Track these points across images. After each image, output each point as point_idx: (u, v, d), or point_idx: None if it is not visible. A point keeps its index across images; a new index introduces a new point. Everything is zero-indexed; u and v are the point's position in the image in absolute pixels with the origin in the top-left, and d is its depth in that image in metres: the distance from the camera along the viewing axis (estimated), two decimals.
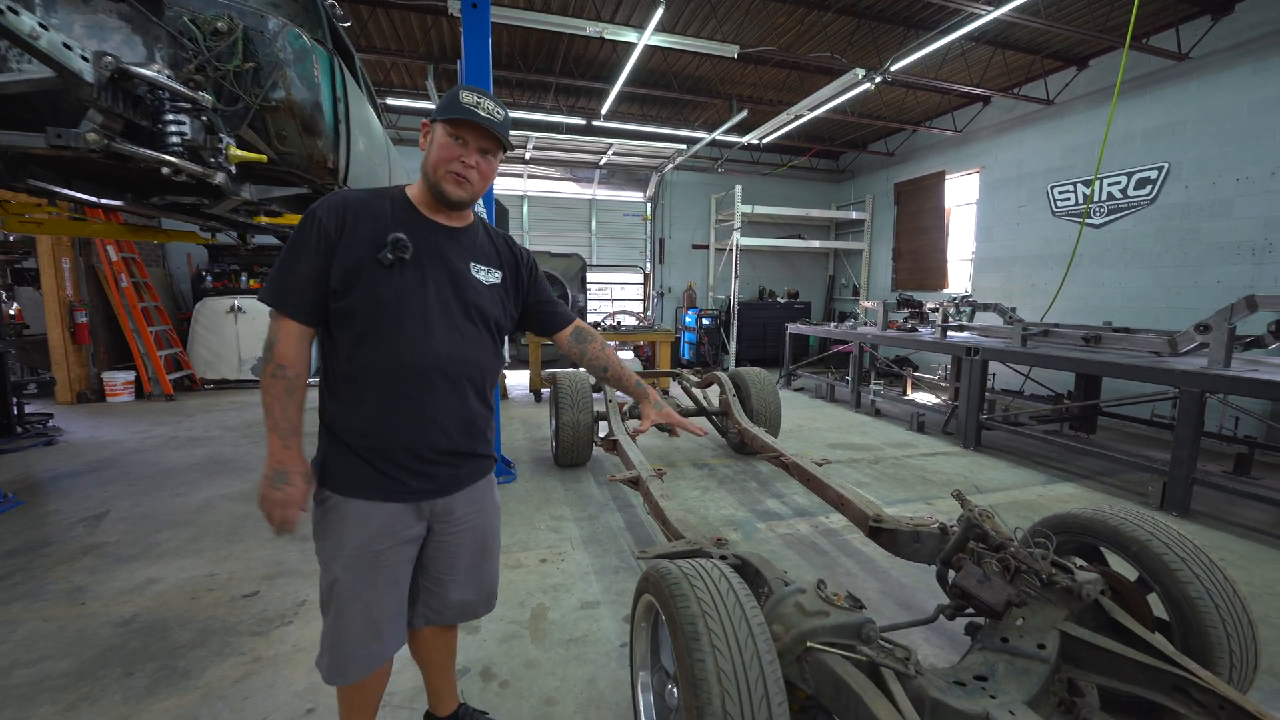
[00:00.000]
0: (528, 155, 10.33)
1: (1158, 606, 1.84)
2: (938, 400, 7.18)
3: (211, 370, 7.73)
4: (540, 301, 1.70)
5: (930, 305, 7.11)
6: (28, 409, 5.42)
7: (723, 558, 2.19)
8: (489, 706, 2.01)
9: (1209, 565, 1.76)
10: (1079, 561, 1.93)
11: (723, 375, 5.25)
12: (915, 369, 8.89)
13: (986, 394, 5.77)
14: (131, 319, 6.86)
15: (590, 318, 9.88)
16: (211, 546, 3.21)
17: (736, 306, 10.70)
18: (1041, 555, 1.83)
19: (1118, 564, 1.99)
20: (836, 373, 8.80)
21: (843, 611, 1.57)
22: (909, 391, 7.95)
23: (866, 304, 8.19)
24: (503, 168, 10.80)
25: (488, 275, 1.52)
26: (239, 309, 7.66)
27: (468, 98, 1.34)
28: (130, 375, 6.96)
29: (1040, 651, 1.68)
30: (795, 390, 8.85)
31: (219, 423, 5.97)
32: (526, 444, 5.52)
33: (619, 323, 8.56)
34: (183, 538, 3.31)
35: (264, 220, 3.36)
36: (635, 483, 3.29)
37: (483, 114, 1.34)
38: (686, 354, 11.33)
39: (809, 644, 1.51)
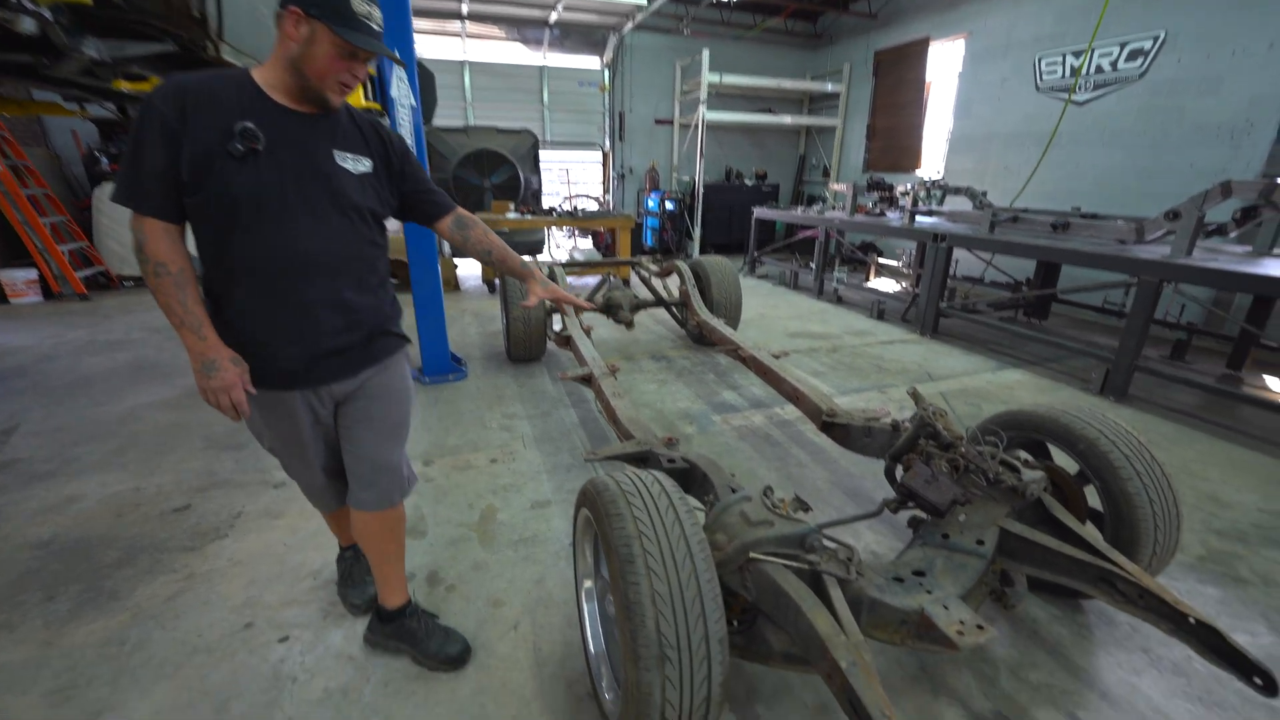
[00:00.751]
0: (465, 10, 8.99)
1: (1094, 499, 1.87)
2: (899, 287, 7.16)
3: (128, 266, 7.02)
4: (418, 190, 1.59)
5: (901, 189, 6.82)
6: None
7: (670, 461, 2.14)
8: (435, 610, 2.00)
9: (1149, 461, 1.76)
10: (1024, 456, 1.93)
11: (682, 264, 5.02)
12: (880, 254, 8.77)
13: (948, 281, 5.72)
14: (18, 209, 6.03)
15: (545, 201, 9.25)
16: (137, 459, 3.01)
17: (701, 189, 10.14)
18: (990, 454, 1.80)
19: (1062, 458, 2.00)
20: (801, 259, 8.62)
21: (787, 521, 1.53)
22: (871, 278, 7.89)
23: (836, 186, 7.83)
24: (439, 28, 9.48)
25: (356, 164, 1.39)
26: None
27: (360, 7, 1.26)
28: (33, 274, 6.25)
29: (979, 547, 1.70)
30: (759, 278, 8.69)
31: (141, 324, 5.51)
32: (479, 338, 5.31)
33: (576, 208, 8.01)
34: (105, 451, 3.10)
35: (126, 87, 2.77)
36: (588, 380, 3.17)
37: (375, 27, 1.30)
38: (650, 240, 10.90)
39: (751, 554, 1.48)
